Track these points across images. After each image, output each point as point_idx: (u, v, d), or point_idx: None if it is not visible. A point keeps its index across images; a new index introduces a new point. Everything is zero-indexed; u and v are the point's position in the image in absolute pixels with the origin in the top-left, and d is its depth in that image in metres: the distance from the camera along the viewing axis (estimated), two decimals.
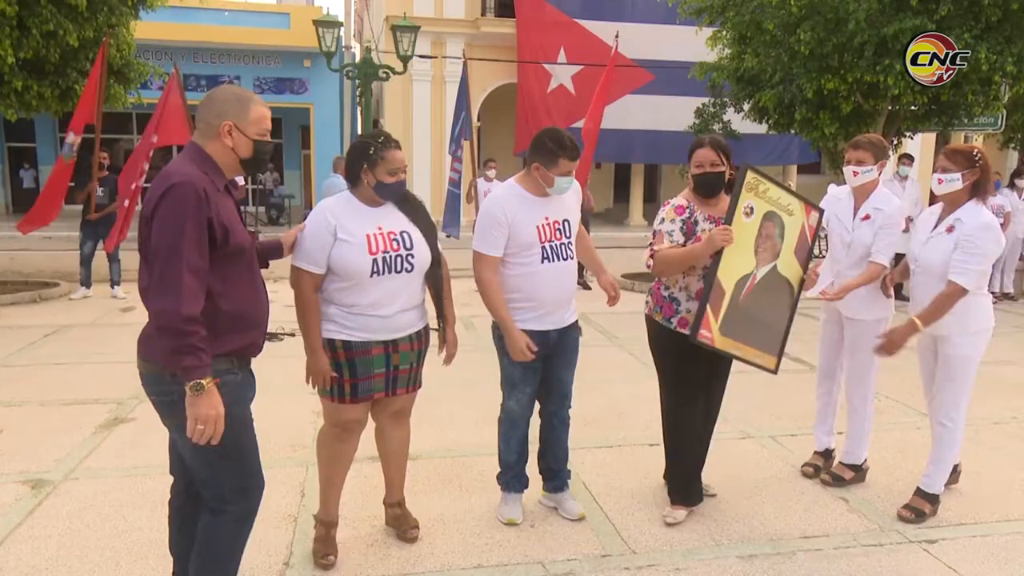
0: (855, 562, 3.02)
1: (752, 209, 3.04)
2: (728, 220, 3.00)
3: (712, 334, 3.01)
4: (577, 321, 3.31)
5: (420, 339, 2.98)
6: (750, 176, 3.04)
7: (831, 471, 3.80)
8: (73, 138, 8.08)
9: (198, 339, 2.07)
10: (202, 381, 2.07)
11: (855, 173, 3.53)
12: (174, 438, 2.33)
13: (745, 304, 3.07)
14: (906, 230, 8.81)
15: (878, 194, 3.57)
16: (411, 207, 2.93)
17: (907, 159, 9.26)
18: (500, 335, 3.21)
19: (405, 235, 2.83)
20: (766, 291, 3.12)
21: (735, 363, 3.26)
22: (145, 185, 8.30)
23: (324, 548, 2.98)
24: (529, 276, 3.06)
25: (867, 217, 3.54)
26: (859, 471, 3.78)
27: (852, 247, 3.57)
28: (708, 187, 3.18)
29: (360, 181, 2.79)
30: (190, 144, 2.25)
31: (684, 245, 3.13)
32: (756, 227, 3.07)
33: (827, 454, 3.92)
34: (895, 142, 10.80)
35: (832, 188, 3.85)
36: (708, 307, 2.98)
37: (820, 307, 3.88)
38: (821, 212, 3.20)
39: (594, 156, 9.45)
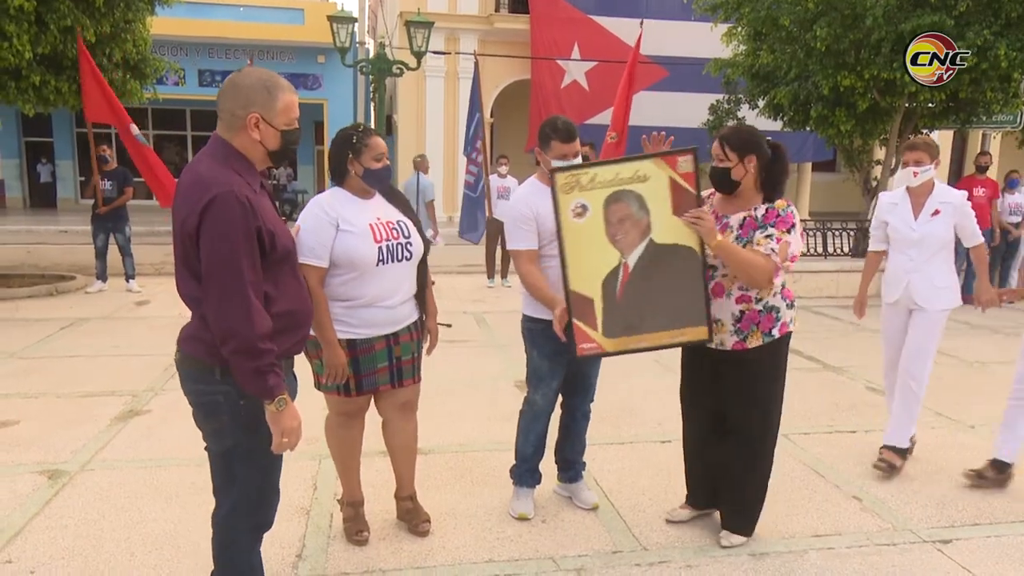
0: (868, 561, 3.00)
1: (584, 207, 2.81)
2: (558, 232, 2.85)
3: (596, 342, 2.90)
4: None
5: (417, 329, 3.03)
6: (561, 179, 2.81)
7: (882, 459, 3.85)
8: (136, 129, 8.38)
9: (273, 356, 2.01)
10: (283, 397, 2.03)
11: (915, 174, 3.70)
12: (207, 440, 2.23)
13: (630, 295, 2.87)
14: None
15: (939, 189, 3.76)
16: (397, 199, 3.00)
17: None
18: (530, 328, 3.20)
19: (402, 224, 2.90)
20: (655, 269, 2.86)
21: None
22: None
23: (356, 525, 3.07)
24: (555, 268, 3.06)
25: (937, 212, 3.72)
26: (905, 454, 3.88)
27: (923, 243, 3.74)
28: (714, 182, 2.99)
29: (347, 172, 2.84)
30: (216, 139, 2.10)
31: None
32: (599, 219, 2.83)
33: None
34: (911, 139, 10.70)
35: (883, 196, 4.02)
36: (576, 322, 2.87)
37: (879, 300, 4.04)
38: (694, 151, 2.83)
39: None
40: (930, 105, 9.59)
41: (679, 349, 3.12)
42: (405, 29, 11.96)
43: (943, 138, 18.50)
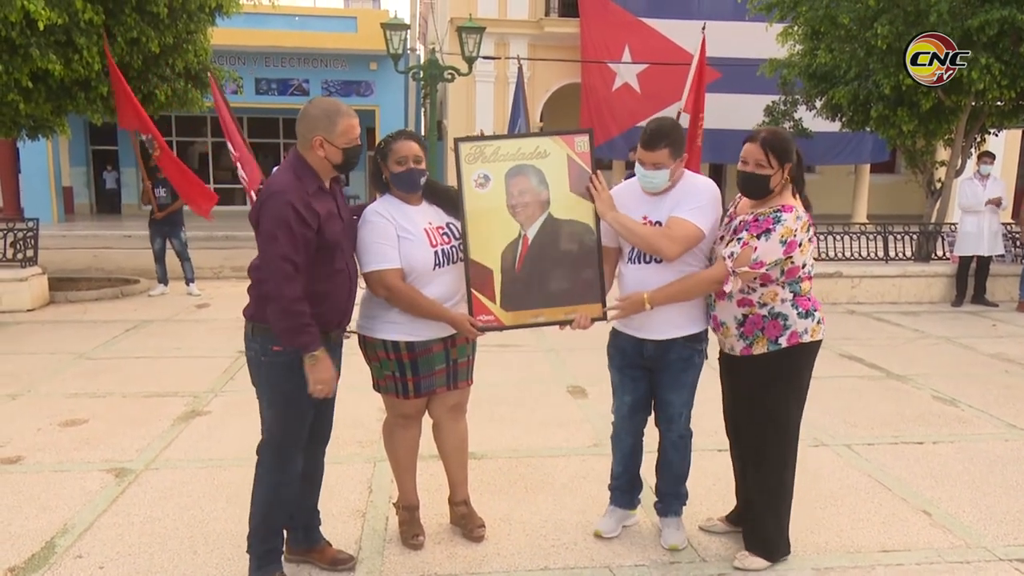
0: None
1: (487, 177, 2.85)
2: (460, 202, 2.84)
3: (494, 315, 2.87)
4: (690, 340, 2.97)
5: None
6: (466, 148, 2.85)
7: None
8: (145, 138, 8.18)
9: (307, 318, 2.48)
10: (316, 353, 2.50)
11: None
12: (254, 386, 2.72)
13: (528, 268, 2.87)
14: (998, 205, 8.36)
15: None
16: (442, 200, 2.97)
17: (988, 157, 8.83)
18: (608, 342, 3.14)
19: (451, 226, 2.92)
20: (552, 243, 2.89)
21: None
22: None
23: (412, 529, 3.09)
24: (620, 275, 3.02)
25: None
26: None
27: None
28: (745, 187, 2.83)
29: (385, 179, 2.89)
30: (293, 151, 2.62)
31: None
32: (501, 190, 2.85)
33: None
34: (977, 139, 10.30)
35: None
36: (474, 292, 2.85)
37: None
38: (590, 132, 2.91)
39: None
40: (999, 103, 9.22)
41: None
42: (456, 35, 12.05)
43: (1012, 138, 17.78)
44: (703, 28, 9.98)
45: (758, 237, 2.70)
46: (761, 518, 2.95)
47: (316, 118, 2.55)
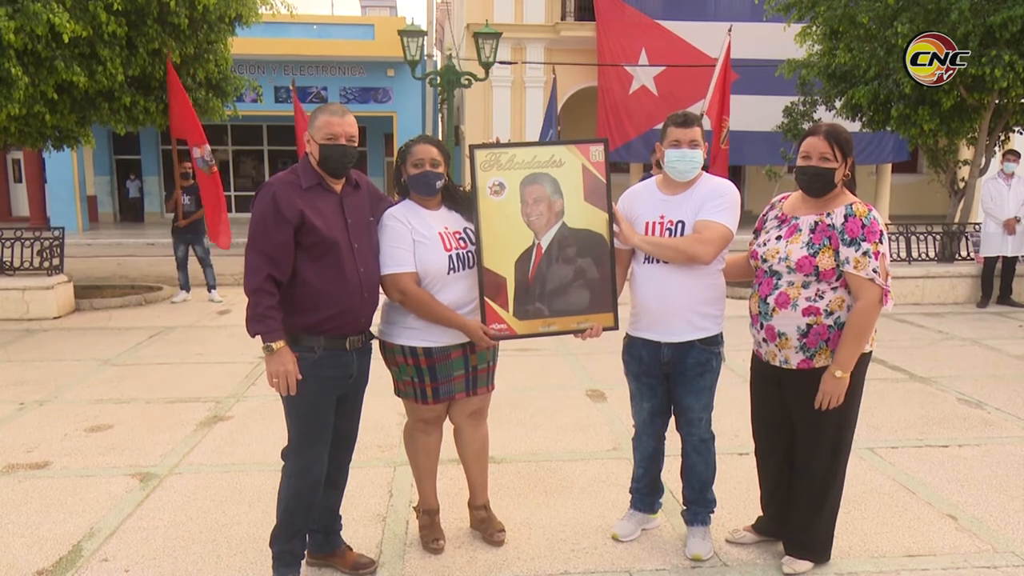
0: None
1: (502, 184, 2.84)
2: (475, 209, 2.84)
3: (507, 324, 2.86)
4: (707, 343, 2.93)
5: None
6: (481, 155, 2.84)
7: None
8: (201, 151, 8.54)
9: (264, 308, 2.53)
10: (272, 344, 2.54)
11: None
12: None
13: (541, 277, 2.87)
14: (1012, 232, 8.28)
15: None
16: (462, 205, 2.98)
17: (1012, 155, 8.69)
18: (624, 348, 3.14)
19: (468, 231, 2.93)
20: (566, 252, 2.89)
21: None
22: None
23: (432, 533, 3.10)
24: (633, 276, 3.01)
25: None
26: None
27: None
28: (808, 182, 2.73)
29: (403, 182, 2.92)
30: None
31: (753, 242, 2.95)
32: (516, 198, 2.85)
33: None
34: (1001, 138, 10.16)
35: None
36: (487, 300, 2.84)
37: None
38: (604, 141, 2.92)
39: None
40: (1023, 101, 9.08)
41: (748, 361, 3.04)
42: (473, 40, 12.09)
43: None
44: (728, 31, 9.93)
45: (880, 242, 2.64)
46: (810, 523, 2.91)
47: (310, 117, 2.72)
